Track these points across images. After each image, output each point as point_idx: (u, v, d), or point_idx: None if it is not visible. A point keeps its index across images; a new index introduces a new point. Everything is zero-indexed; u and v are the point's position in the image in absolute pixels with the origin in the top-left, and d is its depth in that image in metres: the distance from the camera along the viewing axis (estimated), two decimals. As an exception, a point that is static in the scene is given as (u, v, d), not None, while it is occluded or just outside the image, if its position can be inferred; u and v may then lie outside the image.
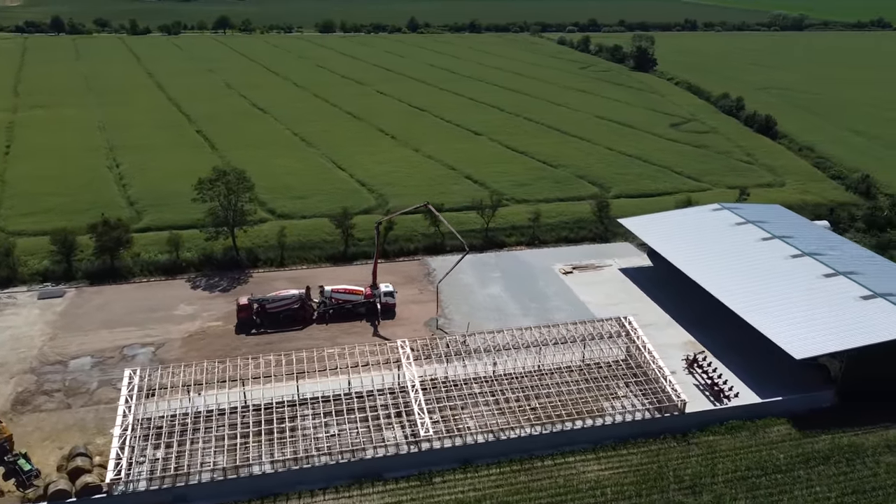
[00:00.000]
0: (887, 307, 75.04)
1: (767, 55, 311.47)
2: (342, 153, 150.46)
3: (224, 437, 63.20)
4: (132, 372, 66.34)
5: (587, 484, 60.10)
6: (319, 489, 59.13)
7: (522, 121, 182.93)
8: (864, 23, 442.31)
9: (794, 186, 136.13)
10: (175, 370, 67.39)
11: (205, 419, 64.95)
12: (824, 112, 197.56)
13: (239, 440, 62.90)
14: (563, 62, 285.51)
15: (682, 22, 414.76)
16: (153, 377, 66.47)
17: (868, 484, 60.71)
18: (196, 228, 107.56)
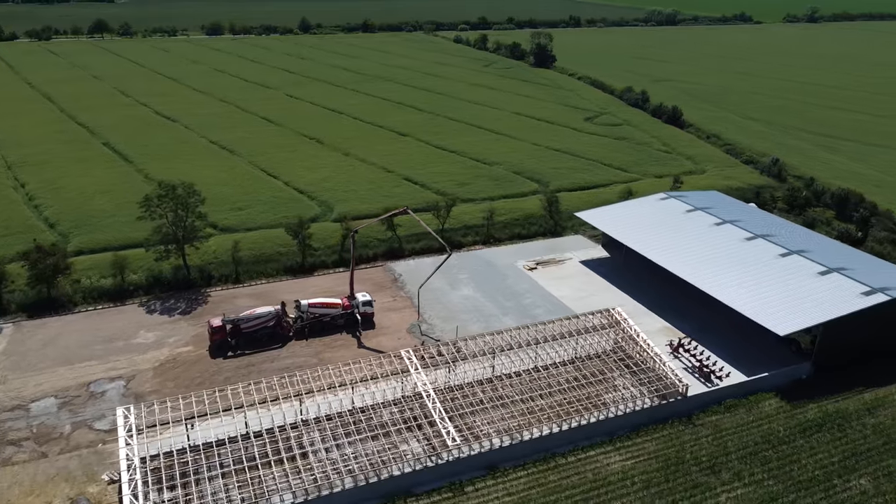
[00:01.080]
0: (844, 281, 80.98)
1: (652, 49, 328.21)
2: (270, 160, 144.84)
3: (235, 471, 59.10)
4: (125, 410, 60.66)
5: (616, 475, 61.00)
6: (349, 513, 56.71)
7: (444, 120, 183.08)
8: (728, 17, 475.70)
9: (715, 173, 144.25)
10: (172, 403, 62.23)
11: (211, 452, 60.42)
12: (718, 101, 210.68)
13: (251, 472, 58.97)
14: (465, 60, 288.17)
15: (566, 19, 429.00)
16: (149, 413, 61.02)
17: (862, 446, 65.33)
18: (134, 248, 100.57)
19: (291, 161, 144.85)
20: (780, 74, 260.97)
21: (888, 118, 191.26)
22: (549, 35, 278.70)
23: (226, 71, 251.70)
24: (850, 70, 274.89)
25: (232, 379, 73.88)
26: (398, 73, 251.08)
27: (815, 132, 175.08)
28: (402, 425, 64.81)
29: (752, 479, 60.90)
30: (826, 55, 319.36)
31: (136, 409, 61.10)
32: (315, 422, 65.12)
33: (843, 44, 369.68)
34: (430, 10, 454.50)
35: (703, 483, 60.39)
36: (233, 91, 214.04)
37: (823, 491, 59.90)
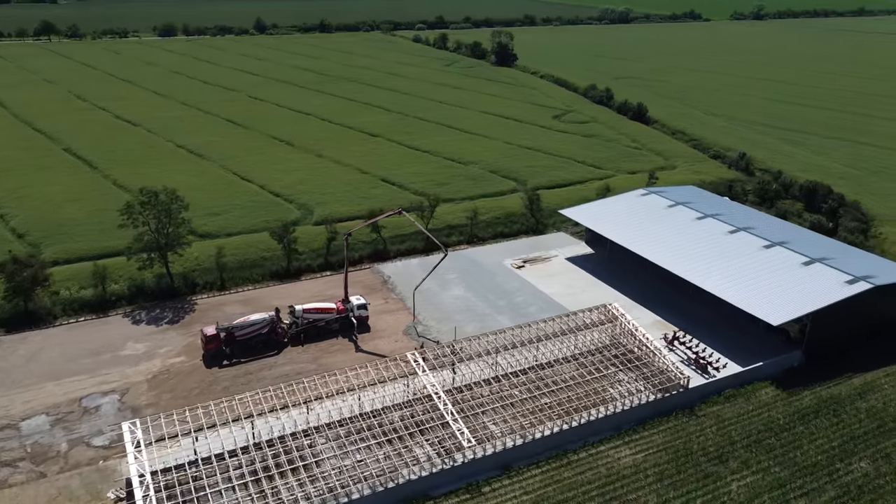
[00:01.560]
0: (828, 270, 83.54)
1: (609, 47, 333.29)
2: (241, 164, 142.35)
3: (249, 483, 57.76)
4: (131, 424, 58.71)
5: (628, 469, 61.72)
6: (367, 521, 56.05)
7: (413, 120, 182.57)
8: (678, 14, 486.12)
9: (685, 168, 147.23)
10: (179, 416, 60.44)
11: (222, 464, 58.93)
12: (681, 98, 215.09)
13: (265, 483, 57.73)
14: (427, 59, 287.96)
15: (522, 18, 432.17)
16: (155, 427, 59.16)
17: (858, 430, 67.50)
18: (112, 257, 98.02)
19: (263, 164, 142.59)
20: (735, 71, 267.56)
21: (842, 112, 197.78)
22: (509, 34, 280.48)
23: (183, 73, 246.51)
24: (800, 65, 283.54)
25: (230, 388, 72.29)
26: (361, 73, 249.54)
27: (776, 126, 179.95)
28: (415, 429, 64.05)
29: (759, 467, 62.33)
30: (776, 51, 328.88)
31: (143, 423, 59.19)
32: (324, 428, 64.05)
33: (790, 40, 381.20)
34: (386, 9, 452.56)
35: (713, 473, 61.57)
36: (194, 93, 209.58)
37: (828, 475, 61.67)
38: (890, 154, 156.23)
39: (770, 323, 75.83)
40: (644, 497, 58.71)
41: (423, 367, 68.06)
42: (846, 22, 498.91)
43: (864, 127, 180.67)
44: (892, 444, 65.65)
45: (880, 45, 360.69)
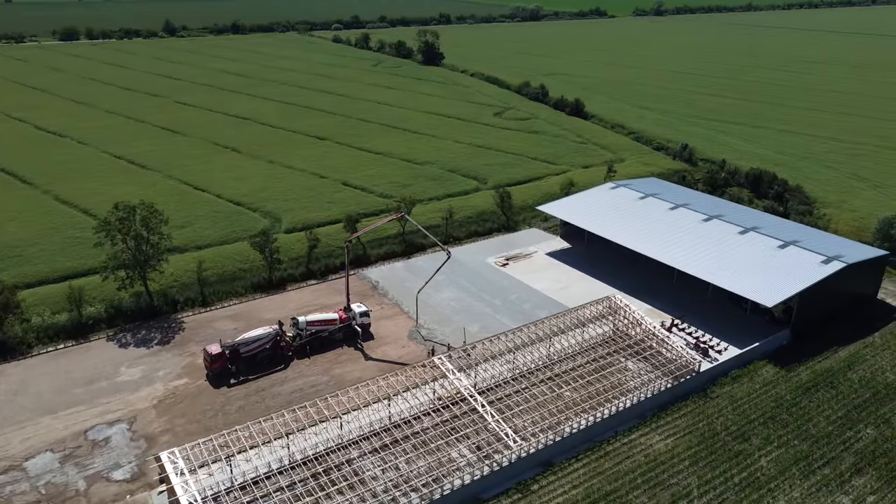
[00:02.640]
0: (803, 252, 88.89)
1: (528, 44, 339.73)
2: (190, 173, 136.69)
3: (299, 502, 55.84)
4: (170, 454, 55.43)
5: (664, 455, 63.74)
6: (426, 529, 55.40)
7: (357, 122, 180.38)
8: (585, 11, 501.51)
9: (633, 160, 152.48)
10: (217, 440, 57.59)
11: (265, 487, 56.63)
12: (610, 92, 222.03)
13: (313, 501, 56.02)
14: (352, 60, 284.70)
15: (437, 16, 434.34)
16: (194, 454, 56.12)
17: (856, 399, 72.34)
18: (76, 278, 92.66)
19: (213, 172, 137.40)
20: (652, 65, 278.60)
21: (758, 103, 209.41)
22: (435, 33, 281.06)
23: (97, 79, 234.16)
24: (710, 59, 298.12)
25: (246, 408, 69.61)
26: (288, 75, 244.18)
27: (704, 118, 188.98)
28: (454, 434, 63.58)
29: (780, 442, 65.80)
30: (684, 45, 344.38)
31: (182, 451, 56.02)
32: (361, 441, 62.70)
33: (693, 34, 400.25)
34: (300, 9, 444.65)
35: (741, 451, 64.51)
36: (117, 100, 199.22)
37: (842, 444, 65.85)
38: (811, 140, 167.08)
39: (765, 305, 79.95)
40: (685, 479, 60.82)
41: (454, 370, 67.69)
42: (737, 17, 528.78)
43: (780, 116, 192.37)
44: (888, 409, 70.73)
45: (775, 37, 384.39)
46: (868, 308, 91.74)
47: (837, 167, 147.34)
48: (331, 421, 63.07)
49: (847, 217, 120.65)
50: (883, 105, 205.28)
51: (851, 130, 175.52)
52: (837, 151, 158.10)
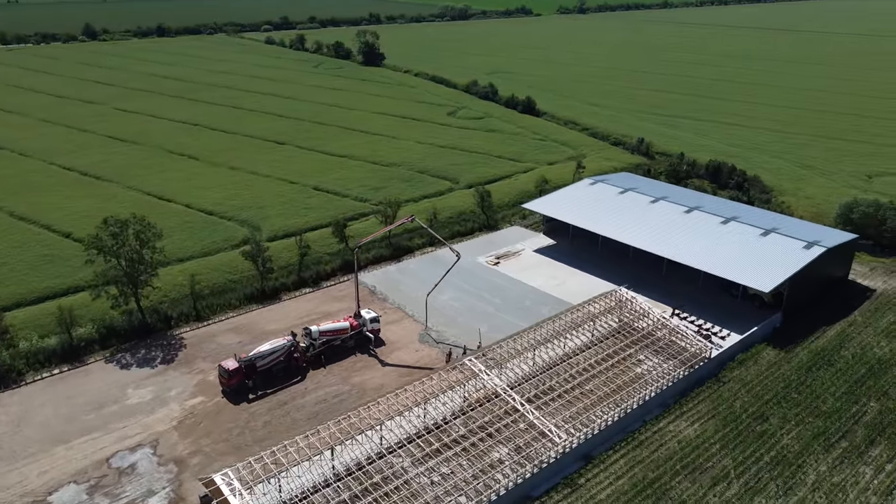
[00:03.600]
0: (784, 239, 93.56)
1: (466, 44, 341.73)
2: (151, 183, 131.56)
3: (353, 515, 54.97)
4: (223, 476, 53.37)
5: (696, 440, 66.02)
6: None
7: (312, 125, 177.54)
8: (511, 10, 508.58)
9: (595, 156, 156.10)
10: (268, 458, 55.80)
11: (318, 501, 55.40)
12: (555, 89, 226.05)
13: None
14: (291, 62, 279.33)
15: (367, 16, 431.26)
16: (246, 472, 54.24)
17: (854, 375, 76.80)
18: (54, 298, 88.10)
19: (175, 181, 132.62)
20: (589, 62, 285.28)
21: (700, 97, 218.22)
22: (375, 33, 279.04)
23: (21, 86, 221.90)
24: (640, 55, 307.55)
25: (272, 422, 67.87)
26: (227, 78, 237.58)
27: (650, 112, 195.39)
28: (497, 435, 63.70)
29: (797, 420, 69.23)
30: (614, 43, 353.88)
31: (234, 471, 54.04)
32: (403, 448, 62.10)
33: (619, 32, 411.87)
34: (226, 11, 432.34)
35: (764, 431, 67.52)
36: (52, 109, 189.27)
37: (851, 417, 69.84)
38: (755, 132, 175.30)
39: (762, 291, 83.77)
40: (720, 462, 63.21)
41: (486, 371, 67.89)
42: (654, 14, 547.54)
43: (720, 109, 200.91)
44: (885, 383, 75.44)
45: (696, 34, 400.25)
46: (842, 289, 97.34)
47: (785, 157, 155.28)
48: (372, 430, 62.13)
49: (804, 204, 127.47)
50: (812, 97, 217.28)
51: (789, 122, 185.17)
52: (782, 142, 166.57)
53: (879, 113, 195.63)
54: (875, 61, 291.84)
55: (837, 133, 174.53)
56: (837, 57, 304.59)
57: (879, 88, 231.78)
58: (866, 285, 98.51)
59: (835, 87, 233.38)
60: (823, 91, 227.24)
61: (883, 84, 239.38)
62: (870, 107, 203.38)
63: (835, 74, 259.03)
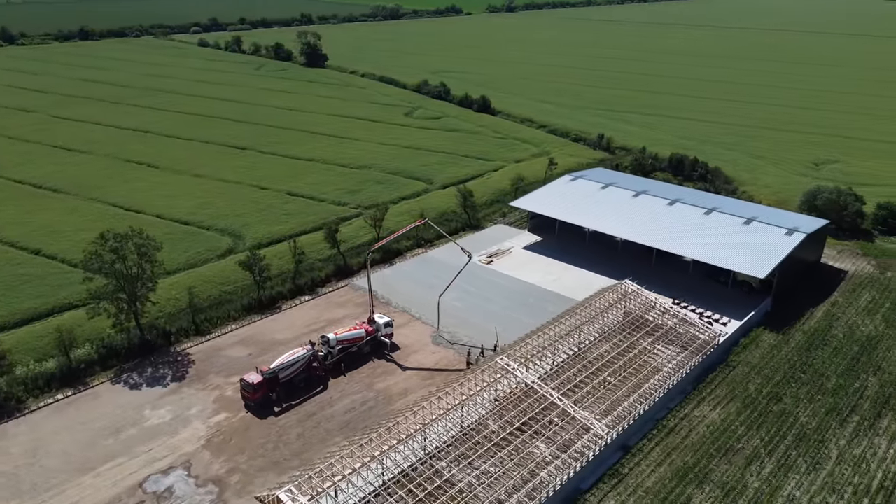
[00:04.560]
0: (765, 227, 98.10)
1: (403, 43, 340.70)
2: (114, 194, 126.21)
3: (415, 522, 54.61)
4: (287, 492, 51.85)
5: (722, 424, 68.61)
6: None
7: (269, 128, 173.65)
8: (442, 9, 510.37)
9: (559, 152, 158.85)
10: (325, 470, 54.56)
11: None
12: (504, 88, 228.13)
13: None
14: (230, 64, 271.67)
15: (298, 17, 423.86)
16: (307, 487, 52.94)
17: (849, 353, 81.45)
18: (38, 320, 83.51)
19: (139, 192, 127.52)
20: (530, 60, 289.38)
21: (639, 92, 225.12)
22: (316, 34, 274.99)
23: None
24: (576, 53, 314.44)
25: (305, 434, 66.59)
26: (168, 82, 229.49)
27: (600, 108, 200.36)
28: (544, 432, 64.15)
29: (808, 398, 72.94)
30: (549, 41, 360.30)
31: (297, 487, 52.63)
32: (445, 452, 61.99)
33: (551, 30, 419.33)
34: (150, 12, 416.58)
35: (782, 410, 70.84)
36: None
37: (855, 392, 74.11)
38: (704, 125, 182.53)
39: (758, 276, 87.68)
40: (750, 442, 65.98)
41: (519, 369, 68.48)
42: (580, 11, 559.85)
43: (666, 104, 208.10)
44: (878, 358, 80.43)
45: (624, 31, 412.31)
46: (817, 272, 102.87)
47: (736, 148, 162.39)
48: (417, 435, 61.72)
49: (764, 192, 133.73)
50: (748, 90, 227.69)
51: (734, 114, 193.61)
52: (731, 134, 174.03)
53: (814, 104, 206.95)
54: (797, 55, 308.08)
55: (779, 125, 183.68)
56: (759, 51, 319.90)
57: (807, 81, 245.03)
58: (839, 267, 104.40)
59: (767, 81, 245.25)
60: (758, 85, 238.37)
61: (809, 77, 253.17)
62: (804, 99, 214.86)
63: (762, 68, 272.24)
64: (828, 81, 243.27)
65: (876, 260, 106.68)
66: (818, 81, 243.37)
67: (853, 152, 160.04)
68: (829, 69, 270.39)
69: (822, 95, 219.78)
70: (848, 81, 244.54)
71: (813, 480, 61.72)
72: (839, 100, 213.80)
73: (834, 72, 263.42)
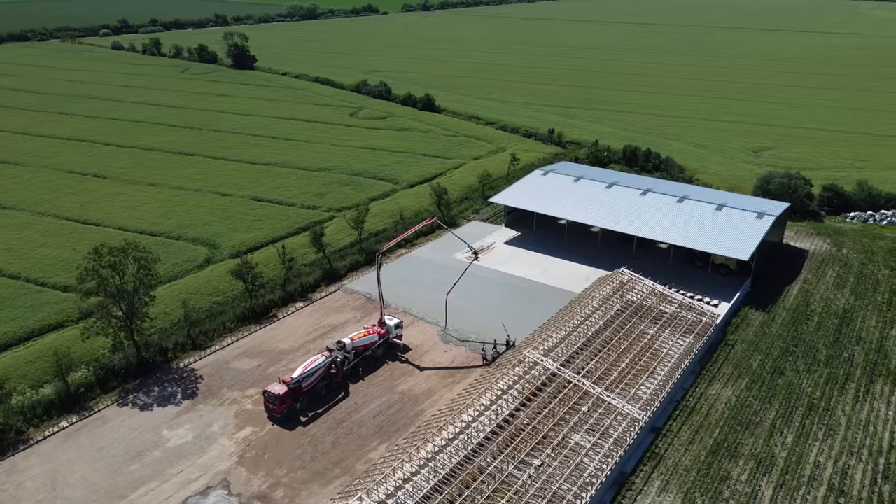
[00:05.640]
0: (736, 212, 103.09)
1: (329, 44, 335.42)
2: (66, 207, 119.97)
3: (479, 519, 54.62)
4: (358, 501, 50.73)
5: (738, 401, 71.83)
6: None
7: (213, 133, 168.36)
8: (358, 9, 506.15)
9: (514, 148, 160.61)
10: (386, 471, 53.65)
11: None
12: (442, 86, 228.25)
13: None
14: (153, 68, 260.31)
15: (213, 17, 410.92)
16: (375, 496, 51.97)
17: (832, 326, 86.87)
18: (24, 342, 78.20)
19: (92, 203, 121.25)
20: (459, 58, 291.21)
21: (576, 87, 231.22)
22: (244, 35, 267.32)
23: None
24: (504, 50, 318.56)
25: (340, 442, 65.32)
26: (91, 88, 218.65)
27: (542, 104, 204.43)
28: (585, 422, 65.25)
29: (805, 370, 77.49)
30: (471, 38, 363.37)
31: (365, 493, 51.56)
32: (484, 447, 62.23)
33: (470, 27, 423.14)
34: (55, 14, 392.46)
35: (786, 383, 74.91)
36: None
37: (846, 362, 79.25)
38: (644, 118, 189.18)
39: (742, 258, 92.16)
40: (766, 415, 69.58)
41: (546, 360, 69.45)
42: (491, 10, 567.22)
43: (602, 98, 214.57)
44: (857, 329, 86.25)
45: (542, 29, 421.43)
46: (782, 252, 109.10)
47: (678, 139, 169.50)
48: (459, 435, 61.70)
49: (716, 179, 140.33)
50: (674, 84, 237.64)
51: (667, 107, 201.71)
52: (670, 126, 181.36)
53: (739, 96, 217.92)
54: (712, 49, 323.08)
55: (711, 115, 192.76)
56: (679, 47, 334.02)
57: (732, 74, 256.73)
58: (799, 247, 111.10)
59: (689, 74, 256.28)
60: (686, 78, 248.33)
61: (732, 70, 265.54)
62: (729, 91, 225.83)
63: (686, 62, 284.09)
64: (747, 74, 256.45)
65: (829, 238, 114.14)
66: (739, 75, 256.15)
67: (783, 140, 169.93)
68: (746, 62, 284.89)
69: (744, 88, 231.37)
70: (764, 75, 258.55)
71: (832, 446, 65.80)
72: (761, 92, 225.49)
73: (750, 65, 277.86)
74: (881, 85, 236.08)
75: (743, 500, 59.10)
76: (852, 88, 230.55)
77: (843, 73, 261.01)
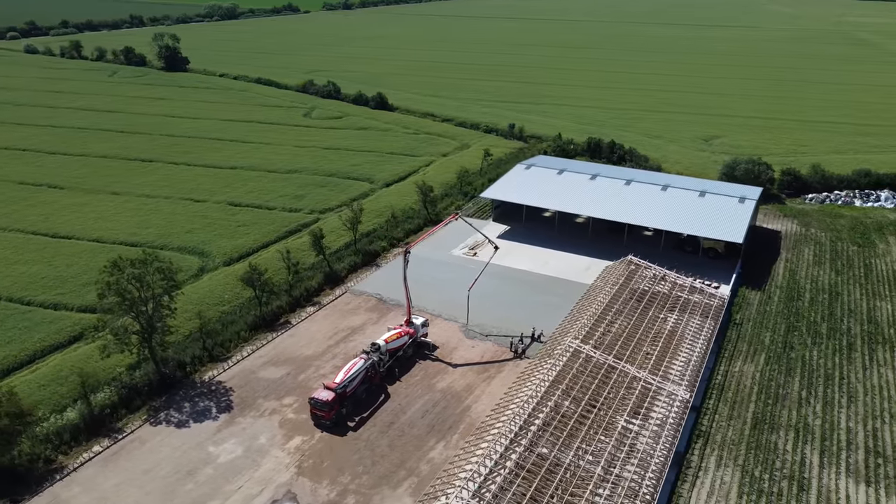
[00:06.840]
0: (719, 198, 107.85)
1: (254, 43, 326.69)
2: (27, 220, 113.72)
3: None
4: (458, 500, 50.22)
5: (763, 375, 75.41)
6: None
7: (166, 138, 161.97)
8: (279, 8, 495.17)
9: (479, 143, 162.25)
10: (465, 465, 53.34)
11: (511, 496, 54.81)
12: (387, 85, 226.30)
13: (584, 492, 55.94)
14: (77, 72, 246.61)
15: (128, 18, 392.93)
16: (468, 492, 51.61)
17: (822, 301, 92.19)
18: (19, 369, 74.06)
19: (58, 216, 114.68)
20: (395, 57, 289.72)
21: (521, 83, 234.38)
22: (175, 36, 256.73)
23: None
24: (437, 48, 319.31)
25: (396, 444, 64.58)
26: (15, 95, 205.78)
27: (492, 100, 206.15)
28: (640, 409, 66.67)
29: (812, 343, 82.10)
30: (401, 36, 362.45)
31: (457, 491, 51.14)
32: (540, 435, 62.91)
33: (395, 25, 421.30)
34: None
35: (798, 356, 79.07)
36: None
37: (845, 333, 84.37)
38: (592, 111, 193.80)
39: (737, 241, 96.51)
40: (790, 387, 73.41)
41: (587, 348, 70.73)
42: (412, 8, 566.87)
43: (546, 93, 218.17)
44: (847, 302, 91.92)
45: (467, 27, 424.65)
46: (758, 234, 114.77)
47: (631, 130, 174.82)
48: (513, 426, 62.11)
49: (678, 168, 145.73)
50: (601, 77, 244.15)
51: (613, 100, 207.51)
52: (619, 118, 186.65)
53: (677, 88, 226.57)
54: (627, 43, 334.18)
55: (655, 107, 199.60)
56: (597, 41, 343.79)
57: (654, 67, 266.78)
58: (771, 228, 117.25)
59: (618, 68, 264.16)
60: (613, 72, 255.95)
61: (652, 63, 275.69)
62: (666, 83, 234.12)
63: (606, 57, 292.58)
64: (669, 67, 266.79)
65: (796, 219, 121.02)
66: (661, 67, 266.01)
67: (727, 128, 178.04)
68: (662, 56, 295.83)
69: (670, 80, 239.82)
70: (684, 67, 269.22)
71: (857, 411, 70.15)
72: (688, 83, 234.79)
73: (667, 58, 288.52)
74: (796, 75, 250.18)
75: (796, 468, 62.24)
76: (770, 79, 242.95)
77: (757, 63, 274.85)
